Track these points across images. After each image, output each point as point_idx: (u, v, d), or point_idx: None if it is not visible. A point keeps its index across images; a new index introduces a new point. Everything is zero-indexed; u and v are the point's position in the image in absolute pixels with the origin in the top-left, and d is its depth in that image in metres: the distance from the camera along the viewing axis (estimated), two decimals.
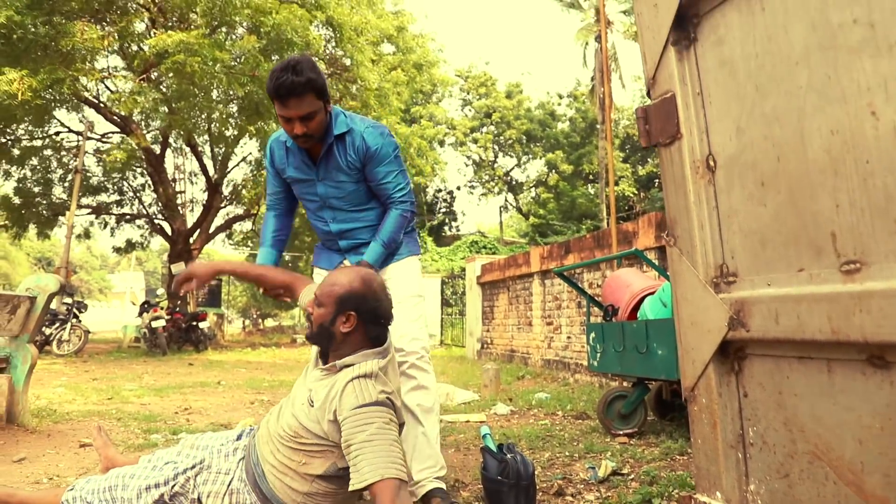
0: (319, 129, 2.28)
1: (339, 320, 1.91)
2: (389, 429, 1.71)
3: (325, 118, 2.28)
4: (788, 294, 1.00)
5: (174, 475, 2.04)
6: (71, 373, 8.12)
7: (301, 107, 2.17)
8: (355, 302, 1.90)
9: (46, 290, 4.05)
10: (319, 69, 2.21)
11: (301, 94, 2.15)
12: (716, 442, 1.16)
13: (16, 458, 3.23)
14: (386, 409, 1.75)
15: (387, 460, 1.63)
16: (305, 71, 2.13)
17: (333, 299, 1.92)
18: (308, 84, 2.14)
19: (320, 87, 2.20)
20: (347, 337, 1.92)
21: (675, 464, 3.16)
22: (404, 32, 15.97)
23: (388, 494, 1.58)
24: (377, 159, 2.37)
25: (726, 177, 1.13)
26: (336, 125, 2.34)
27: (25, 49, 9.30)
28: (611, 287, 4.49)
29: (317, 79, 2.17)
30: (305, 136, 2.27)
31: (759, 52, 1.05)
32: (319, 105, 2.22)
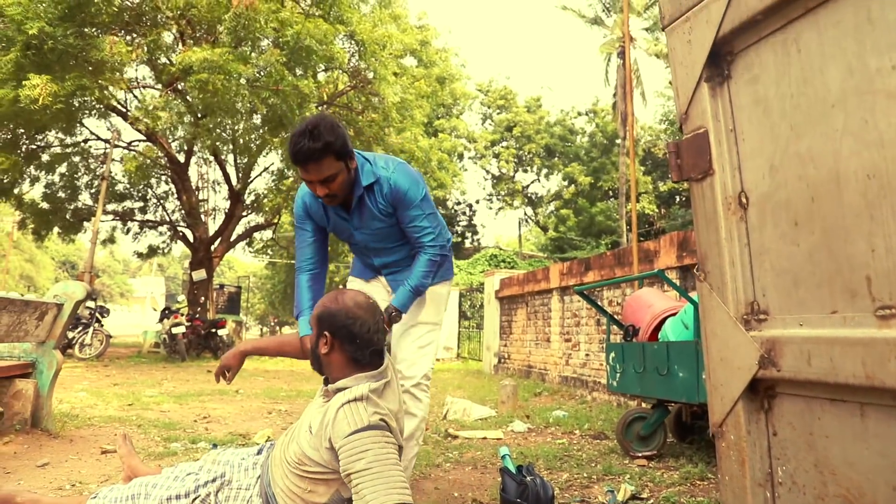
0: (343, 189, 2.28)
1: (321, 342, 1.92)
2: (386, 453, 1.70)
3: (349, 175, 2.27)
4: (821, 336, 1.00)
5: (195, 487, 2.07)
6: (92, 377, 8.23)
7: (321, 171, 2.17)
8: (328, 322, 1.91)
9: (73, 297, 4.12)
10: (339, 129, 2.20)
11: (319, 159, 2.15)
12: (744, 480, 1.15)
13: (39, 463, 3.28)
14: (380, 431, 1.74)
15: (388, 487, 1.63)
16: (323, 135, 2.12)
17: (315, 322, 1.95)
18: (325, 149, 2.13)
19: (339, 149, 2.18)
20: (329, 358, 1.93)
21: (696, 489, 3.12)
22: (428, 47, 16.09)
23: None
24: (405, 203, 2.37)
25: (759, 214, 1.13)
26: (363, 176, 2.33)
27: (57, 59, 9.52)
28: (632, 307, 4.46)
29: (335, 141, 2.15)
30: (329, 197, 2.27)
31: (795, 93, 1.06)
32: (340, 166, 2.21)
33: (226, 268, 49.05)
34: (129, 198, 17.56)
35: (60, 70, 9.56)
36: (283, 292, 29.11)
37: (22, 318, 3.61)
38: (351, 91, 13.68)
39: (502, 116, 29.61)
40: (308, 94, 10.68)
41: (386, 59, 12.09)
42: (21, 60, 9.25)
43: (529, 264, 21.24)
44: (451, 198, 29.42)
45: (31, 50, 9.21)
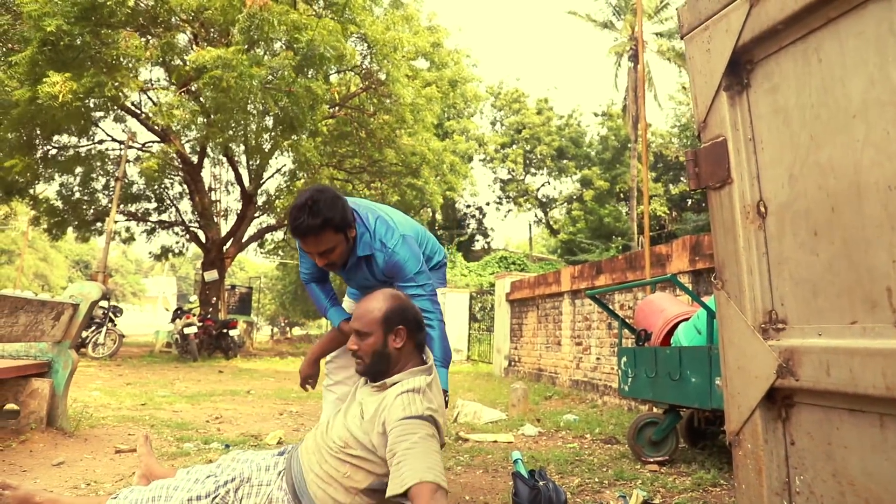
0: (342, 258, 2.35)
1: (391, 339, 2.02)
2: (432, 440, 1.81)
3: (347, 245, 2.33)
4: (841, 346, 1.00)
5: (215, 488, 2.10)
6: (105, 376, 8.30)
7: (320, 245, 2.24)
8: (401, 316, 2.03)
9: (89, 297, 4.16)
10: (338, 202, 2.24)
11: (318, 234, 2.20)
12: (760, 489, 1.15)
13: (55, 462, 3.31)
14: (429, 423, 1.84)
15: (426, 465, 1.71)
16: (322, 211, 2.17)
17: (378, 323, 2.02)
18: (324, 224, 2.18)
19: (338, 224, 2.22)
20: (401, 352, 2.04)
21: (708, 496, 3.11)
22: (439, 48, 16.11)
23: (425, 497, 1.65)
24: (400, 278, 2.43)
25: (777, 224, 1.13)
26: (360, 246, 2.39)
27: (74, 58, 9.61)
28: (644, 312, 4.45)
29: (334, 217, 2.20)
30: (328, 265, 2.35)
31: (815, 103, 1.06)
32: (339, 238, 2.26)
33: (237, 268, 49.29)
34: (144, 199, 17.70)
35: (76, 68, 9.66)
36: (294, 293, 29.21)
37: (39, 317, 3.65)
38: (363, 93, 13.72)
39: (513, 119, 29.59)
40: (320, 95, 10.73)
41: (398, 60, 12.12)
42: (37, 57, 9.34)
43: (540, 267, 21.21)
44: (461, 200, 29.44)
45: (48, 47, 9.30)
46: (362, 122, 13.97)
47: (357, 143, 14.47)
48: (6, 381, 3.81)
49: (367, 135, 14.12)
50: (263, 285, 35.02)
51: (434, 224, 27.47)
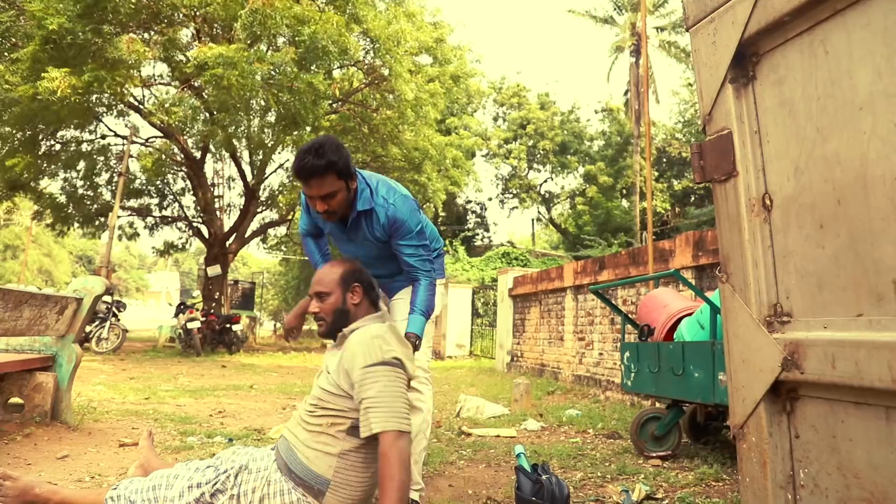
0: (342, 207, 2.41)
1: (348, 297, 2.21)
2: (395, 384, 1.96)
3: (348, 195, 2.41)
4: (846, 339, 1.00)
5: (215, 476, 2.14)
6: (109, 371, 8.33)
7: (322, 187, 2.31)
8: (355, 276, 2.24)
9: (93, 292, 4.17)
10: (343, 150, 2.33)
11: (322, 175, 2.28)
12: (765, 482, 1.15)
13: (59, 456, 3.33)
14: (390, 367, 1.98)
15: (389, 414, 1.90)
16: (327, 154, 2.26)
17: (336, 283, 2.22)
18: (328, 166, 2.27)
19: (341, 169, 2.31)
20: (358, 308, 2.22)
21: (711, 490, 3.11)
22: (442, 44, 16.07)
23: (388, 443, 1.87)
24: (399, 234, 2.49)
25: (783, 217, 1.13)
26: (360, 201, 2.46)
27: (75, 55, 9.62)
28: (647, 307, 4.45)
29: (338, 161, 2.28)
30: (328, 213, 2.42)
31: (822, 95, 1.05)
32: (341, 185, 2.34)
33: (240, 263, 49.35)
34: (146, 194, 17.72)
35: (78, 65, 9.66)
36: (297, 288, 29.23)
37: (43, 311, 3.66)
38: (366, 88, 13.70)
39: (515, 114, 29.50)
40: (322, 91, 10.71)
41: (401, 56, 12.09)
42: (39, 55, 9.34)
43: (542, 262, 21.19)
44: (464, 196, 29.40)
45: (50, 45, 9.30)
46: (365, 118, 13.95)
47: (360, 139, 14.46)
48: (11, 374, 3.83)
49: (370, 130, 14.11)
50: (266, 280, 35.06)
51: (437, 219, 27.45)
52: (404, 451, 1.87)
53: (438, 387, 8.21)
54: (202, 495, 2.13)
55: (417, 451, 2.60)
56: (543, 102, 29.88)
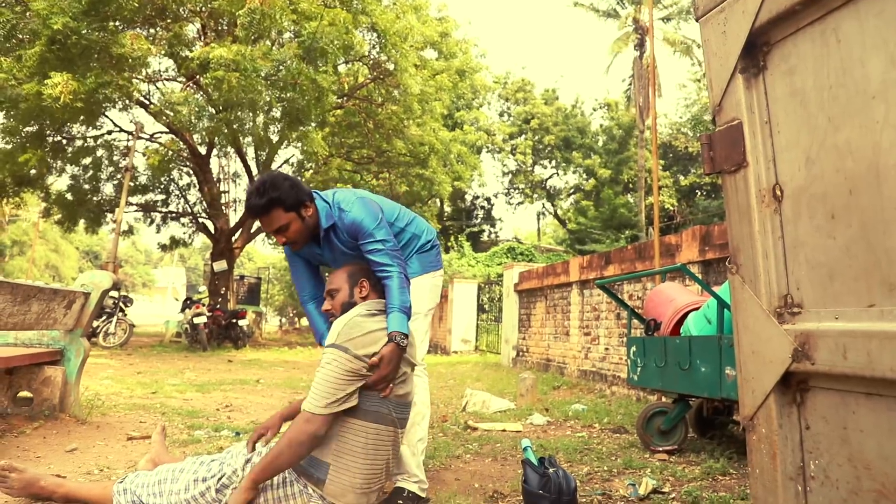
0: (300, 236, 2.48)
1: (356, 291, 2.37)
2: (330, 367, 2.08)
3: (304, 224, 2.45)
4: (858, 329, 0.99)
5: (220, 470, 2.17)
6: (116, 365, 8.37)
7: (271, 223, 2.39)
8: (361, 273, 2.40)
9: (100, 286, 4.19)
10: (287, 182, 2.40)
11: (267, 212, 2.36)
12: (774, 473, 1.15)
13: (68, 448, 3.35)
14: (340, 351, 2.10)
15: (311, 396, 2.07)
16: (268, 192, 2.34)
17: (345, 280, 2.38)
18: (270, 204, 2.34)
19: (285, 202, 2.37)
20: (365, 301, 2.36)
21: (718, 484, 3.11)
22: (448, 38, 16.04)
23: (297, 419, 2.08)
24: (361, 236, 2.51)
25: (793, 207, 1.12)
26: (324, 219, 2.53)
27: (80, 54, 9.63)
28: (653, 301, 4.44)
29: (279, 196, 2.35)
30: (289, 244, 2.49)
31: (833, 84, 1.04)
32: (291, 216, 2.40)
33: (246, 259, 49.49)
34: (152, 190, 17.77)
35: (83, 66, 9.67)
36: None
37: (51, 306, 3.67)
38: (371, 83, 13.68)
39: (520, 108, 29.43)
40: (326, 87, 10.69)
41: (407, 50, 12.07)
42: (46, 55, 9.36)
43: (548, 258, 21.17)
44: (469, 191, 29.37)
45: (56, 45, 9.32)
46: (370, 113, 13.94)
47: (365, 134, 14.46)
48: (20, 368, 3.85)
49: (375, 125, 14.10)
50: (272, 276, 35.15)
51: (442, 215, 27.46)
52: (299, 432, 2.03)
53: (444, 381, 8.22)
54: (208, 489, 2.15)
55: (414, 443, 2.62)
56: (548, 98, 29.81)
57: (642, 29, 24.53)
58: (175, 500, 2.18)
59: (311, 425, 2.03)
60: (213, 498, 2.16)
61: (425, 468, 3.16)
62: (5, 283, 3.18)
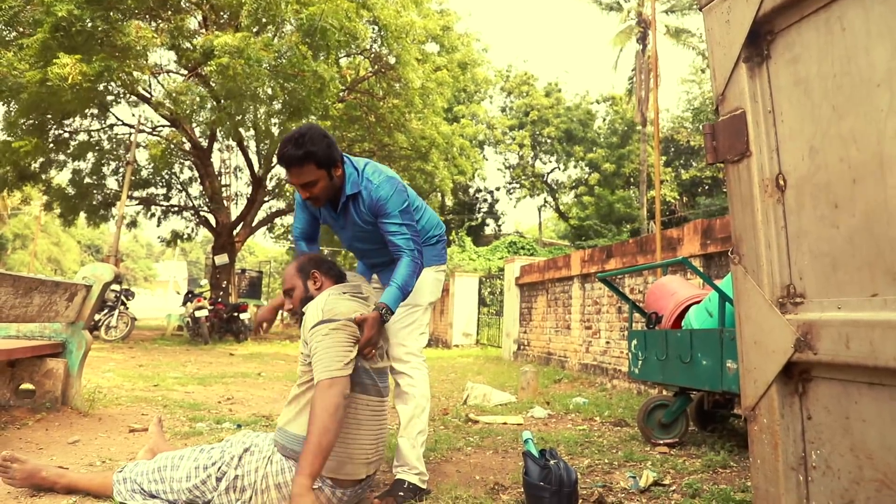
0: (324, 194, 2.48)
1: (310, 284, 2.41)
2: (330, 338, 2.15)
3: (331, 183, 2.46)
4: (861, 319, 0.99)
5: (220, 457, 2.19)
6: (118, 358, 8.38)
7: (301, 176, 2.38)
8: (311, 264, 2.44)
9: (102, 279, 4.19)
10: (326, 140, 2.38)
11: (301, 164, 2.35)
12: (776, 463, 1.15)
13: (70, 440, 3.36)
14: (327, 323, 2.17)
15: (321, 366, 2.10)
16: (307, 144, 2.32)
17: (296, 276, 2.43)
18: (306, 157, 2.33)
19: (320, 159, 2.36)
20: (321, 291, 2.39)
21: (719, 477, 3.11)
22: (449, 32, 15.99)
23: (320, 390, 2.07)
24: (382, 213, 2.52)
25: (796, 197, 1.12)
26: (349, 185, 2.52)
27: (83, 42, 9.61)
28: (655, 295, 4.43)
29: (316, 151, 2.34)
30: (311, 199, 2.49)
31: (838, 73, 1.04)
32: (321, 174, 2.40)
33: (247, 253, 49.51)
34: (154, 184, 17.76)
35: (86, 53, 9.65)
36: None
37: (53, 298, 3.68)
38: (372, 77, 13.64)
39: (520, 101, 29.34)
40: (328, 79, 10.66)
41: (408, 44, 12.03)
42: (49, 42, 9.34)
43: (549, 252, 21.16)
44: (472, 185, 29.32)
45: (60, 32, 9.30)
46: (372, 107, 13.90)
47: (366, 128, 14.42)
48: (22, 360, 3.86)
49: (377, 119, 14.07)
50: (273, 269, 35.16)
51: (444, 208, 27.43)
52: (328, 398, 2.03)
53: (445, 375, 8.23)
54: (209, 477, 2.18)
55: (414, 436, 2.65)
56: (549, 90, 29.71)
57: (645, 22, 24.43)
58: (177, 487, 2.19)
59: (337, 386, 2.06)
60: (213, 486, 2.17)
61: (426, 460, 3.19)
62: (7, 276, 3.19)
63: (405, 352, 2.69)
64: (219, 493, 2.17)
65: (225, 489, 2.16)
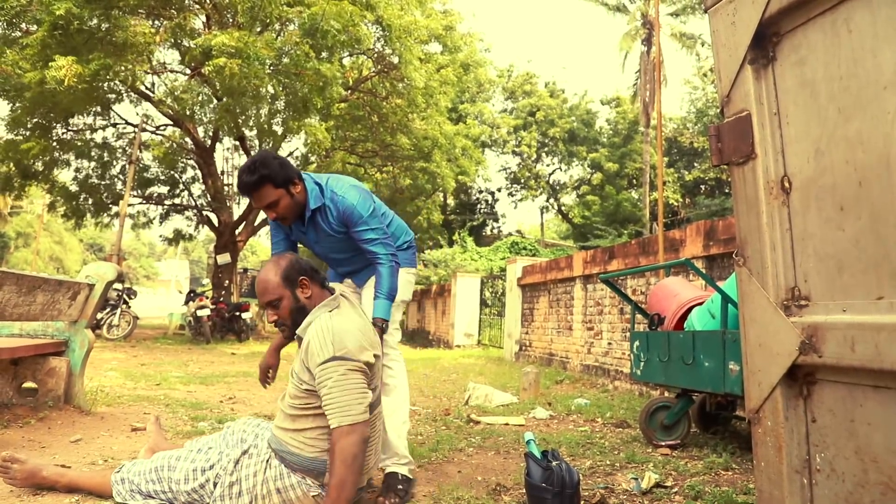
0: (290, 212, 2.58)
1: (299, 293, 2.26)
2: (345, 378, 2.07)
3: (293, 200, 2.56)
4: (866, 322, 0.99)
5: (217, 459, 2.19)
6: (121, 357, 8.39)
7: (262, 199, 2.51)
8: (296, 271, 2.27)
9: (104, 278, 4.19)
10: (277, 161, 2.52)
11: (257, 189, 2.48)
12: (780, 466, 1.15)
13: (72, 439, 3.36)
14: (341, 361, 2.07)
15: (338, 411, 2.03)
16: (259, 169, 2.45)
17: (282, 286, 2.25)
18: (260, 180, 2.46)
19: (275, 178, 2.48)
20: (311, 300, 2.27)
21: (720, 479, 3.11)
22: (452, 32, 15.99)
23: (336, 438, 2.01)
24: (353, 222, 2.63)
25: (802, 199, 1.11)
26: (312, 200, 2.62)
27: (83, 42, 9.62)
28: (657, 296, 4.43)
29: (269, 173, 2.46)
30: (279, 219, 2.60)
31: (844, 75, 1.04)
32: (280, 192, 2.51)
33: (249, 252, 49.55)
34: (157, 182, 17.78)
35: (86, 52, 9.66)
36: None
37: (55, 297, 3.68)
38: (375, 77, 13.64)
39: (525, 101, 29.33)
40: (330, 77, 10.65)
41: (411, 44, 12.02)
42: (48, 41, 9.35)
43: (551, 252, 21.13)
44: (473, 185, 29.31)
45: (59, 31, 9.31)
46: (374, 106, 13.90)
47: (369, 128, 14.42)
48: (24, 359, 3.86)
49: (380, 119, 14.07)
50: None
51: (446, 209, 27.43)
52: (347, 448, 1.99)
53: (447, 375, 8.23)
54: (207, 481, 2.17)
55: (399, 426, 2.73)
56: (552, 90, 29.70)
57: (650, 24, 24.41)
58: (175, 488, 2.19)
59: (356, 434, 2.03)
60: (210, 491, 2.17)
61: (428, 461, 3.22)
62: (10, 274, 3.19)
63: (385, 346, 2.77)
64: (214, 499, 2.16)
65: (220, 495, 2.16)
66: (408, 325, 20.72)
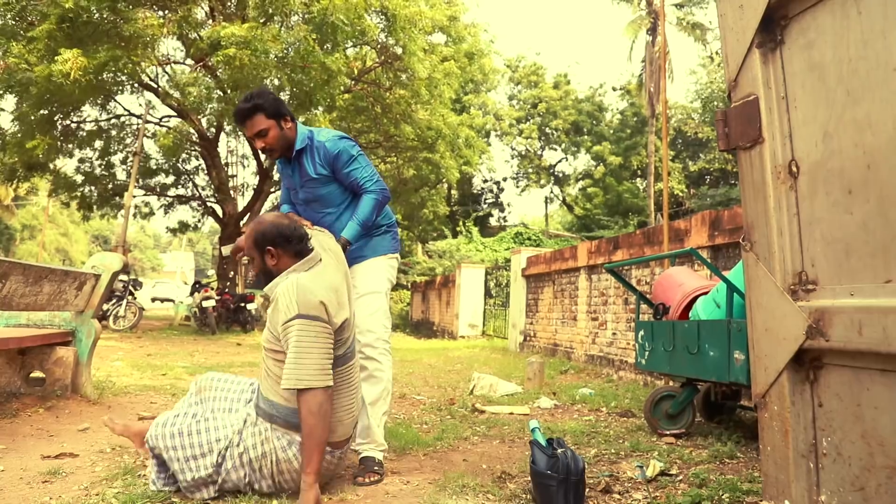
0: (276, 143, 2.75)
1: (266, 259, 2.36)
2: (309, 340, 2.14)
3: (282, 133, 2.75)
4: (874, 305, 0.98)
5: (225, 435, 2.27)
6: (127, 348, 8.43)
7: (253, 127, 2.70)
8: (266, 239, 2.35)
9: (110, 268, 4.21)
10: (272, 96, 2.74)
11: (251, 116, 2.68)
12: (786, 450, 1.15)
13: (80, 428, 3.39)
14: (306, 320, 2.15)
15: (296, 372, 2.11)
16: (255, 98, 2.68)
17: (254, 249, 2.38)
18: (254, 108, 2.67)
19: (268, 109, 2.68)
20: (279, 266, 2.35)
21: (725, 467, 3.11)
22: (456, 22, 15.90)
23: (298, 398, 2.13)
24: (341, 161, 2.79)
25: (809, 183, 1.11)
26: (299, 141, 2.81)
27: (90, 34, 9.60)
28: (662, 286, 4.42)
29: (263, 103, 2.67)
30: (265, 150, 2.79)
31: (853, 57, 1.03)
32: (271, 123, 2.70)
33: None
34: (161, 173, 17.81)
35: (92, 44, 9.65)
36: None
37: (62, 287, 3.70)
38: (379, 67, 13.60)
39: (528, 93, 29.22)
40: (335, 70, 10.62)
41: (415, 35, 11.96)
42: (55, 34, 9.34)
43: (556, 243, 21.11)
44: (478, 175, 29.27)
45: (66, 24, 9.29)
46: (378, 97, 13.86)
47: (373, 118, 14.39)
48: (32, 349, 3.88)
49: (383, 110, 14.02)
50: None
51: (450, 199, 27.40)
52: (309, 402, 2.10)
53: (452, 365, 8.25)
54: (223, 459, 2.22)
55: (378, 416, 2.83)
56: (558, 82, 29.56)
57: (655, 13, 24.24)
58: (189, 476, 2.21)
59: (318, 396, 2.11)
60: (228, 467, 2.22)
61: (433, 450, 3.26)
62: (18, 264, 3.20)
63: (375, 338, 2.85)
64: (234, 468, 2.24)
65: (232, 466, 2.25)
66: (412, 315, 20.75)
